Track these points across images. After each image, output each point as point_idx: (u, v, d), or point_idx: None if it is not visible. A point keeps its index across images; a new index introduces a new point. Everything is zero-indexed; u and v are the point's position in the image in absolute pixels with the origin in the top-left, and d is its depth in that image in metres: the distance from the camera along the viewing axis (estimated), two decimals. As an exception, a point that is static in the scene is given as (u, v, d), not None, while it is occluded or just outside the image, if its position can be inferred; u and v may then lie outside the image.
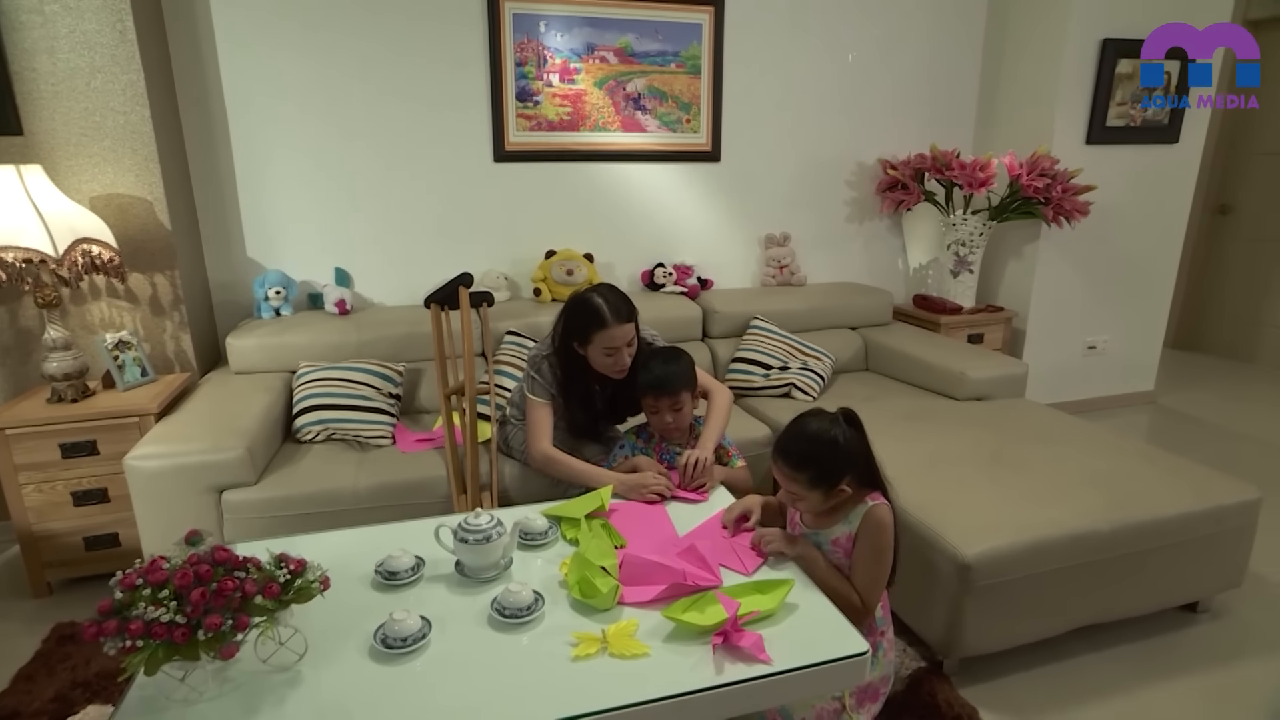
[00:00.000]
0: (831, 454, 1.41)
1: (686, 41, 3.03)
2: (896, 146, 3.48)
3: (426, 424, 2.47)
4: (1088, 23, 3.18)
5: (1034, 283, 3.44)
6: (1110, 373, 3.75)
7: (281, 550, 1.22)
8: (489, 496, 2.08)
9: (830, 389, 2.86)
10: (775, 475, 1.50)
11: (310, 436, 2.25)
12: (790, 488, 1.46)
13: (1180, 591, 2.00)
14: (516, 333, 2.69)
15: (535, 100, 2.88)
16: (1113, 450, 2.18)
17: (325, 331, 2.54)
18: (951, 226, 3.38)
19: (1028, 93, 3.37)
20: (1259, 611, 2.11)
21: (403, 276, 2.91)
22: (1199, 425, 3.59)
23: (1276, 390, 4.14)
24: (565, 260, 2.94)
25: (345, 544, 1.57)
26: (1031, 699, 1.77)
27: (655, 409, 1.89)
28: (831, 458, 1.41)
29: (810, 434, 1.44)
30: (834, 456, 1.41)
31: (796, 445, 1.45)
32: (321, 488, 2.01)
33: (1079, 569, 1.78)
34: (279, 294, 2.64)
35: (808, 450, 1.43)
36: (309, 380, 2.34)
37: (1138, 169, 3.44)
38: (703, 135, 3.18)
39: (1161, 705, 1.77)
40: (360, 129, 2.74)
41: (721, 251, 3.37)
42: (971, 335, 3.35)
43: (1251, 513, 1.96)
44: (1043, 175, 3.04)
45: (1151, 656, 1.93)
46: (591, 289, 1.92)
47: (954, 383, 2.67)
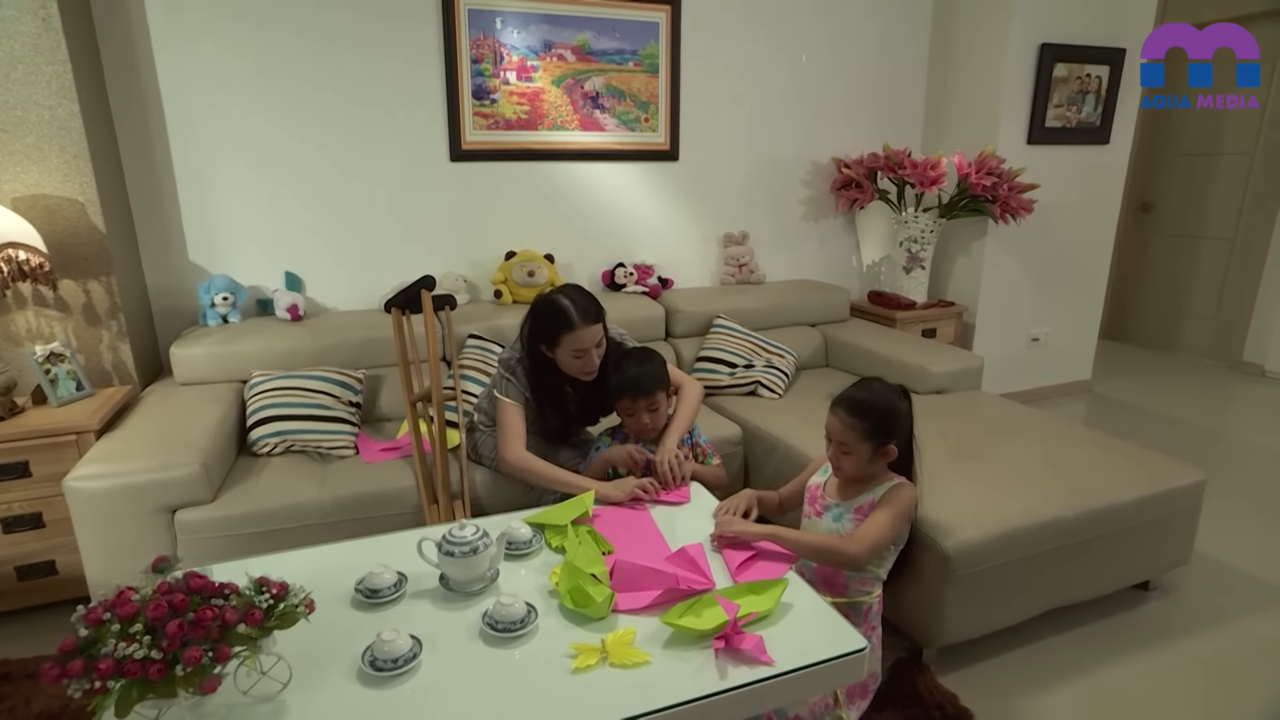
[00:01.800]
0: (890, 413, 1.53)
1: (644, 40, 3.01)
2: (849, 146, 3.55)
3: (390, 432, 2.39)
4: (1026, 28, 3.31)
5: (982, 278, 3.56)
6: (1051, 363, 3.91)
7: (248, 571, 1.15)
8: (461, 506, 2.02)
9: (794, 386, 2.89)
10: (829, 427, 1.58)
11: (267, 449, 2.14)
12: (844, 437, 1.55)
13: (1134, 572, 2.10)
14: (479, 336, 2.63)
15: (492, 98, 2.82)
16: (1068, 439, 2.27)
17: (278, 338, 2.42)
18: (903, 224, 3.47)
19: (972, 94, 3.48)
20: (1205, 587, 2.23)
21: (357, 280, 2.80)
22: (1133, 412, 3.78)
23: (1198, 377, 4.40)
24: (526, 261, 2.89)
25: (318, 562, 1.50)
26: (1005, 683, 1.83)
27: (631, 411, 1.87)
28: (889, 416, 1.53)
29: (875, 391, 1.57)
30: (891, 416, 1.53)
31: (862, 394, 1.56)
32: (283, 503, 1.92)
33: (1046, 555, 1.85)
34: (226, 300, 2.50)
35: (872, 401, 1.54)
36: (263, 390, 2.22)
37: (1074, 168, 3.60)
38: (661, 134, 3.17)
39: (1123, 681, 1.85)
40: (309, 126, 2.63)
41: (681, 250, 3.37)
42: (925, 330, 3.45)
43: (1197, 494, 2.07)
44: (990, 174, 3.15)
45: (1110, 635, 2.02)
46: (557, 290, 1.89)
47: (915, 377, 2.73)
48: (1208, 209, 4.68)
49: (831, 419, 1.58)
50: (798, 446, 2.29)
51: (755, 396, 2.78)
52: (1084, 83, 3.48)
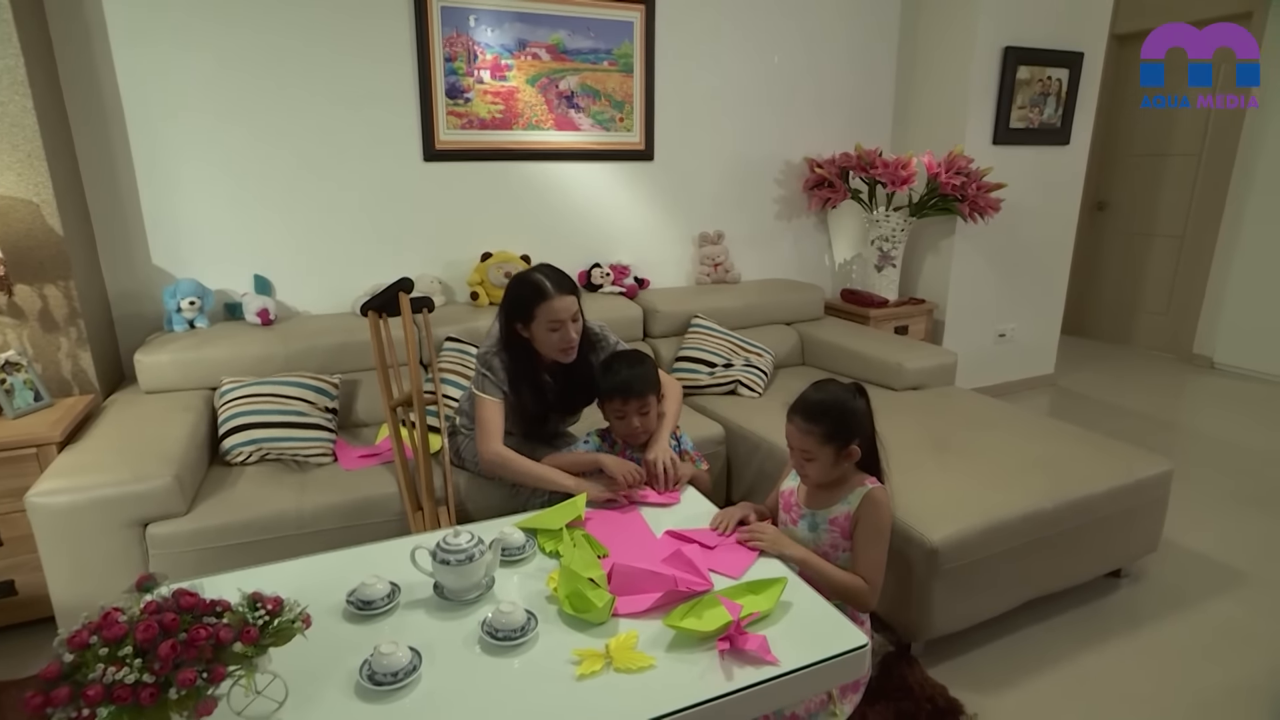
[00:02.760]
0: (846, 413, 1.51)
1: (618, 39, 3.00)
2: (821, 145, 3.59)
3: (368, 438, 2.33)
4: (990, 31, 3.38)
5: (951, 276, 3.64)
6: (1017, 358, 4.02)
7: (239, 587, 1.11)
8: (445, 512, 1.99)
9: (773, 385, 2.91)
10: (789, 436, 1.57)
11: (241, 458, 2.07)
12: (804, 444, 1.53)
13: (1107, 560, 2.16)
14: (456, 339, 2.58)
15: (466, 97, 2.77)
16: (1043, 432, 2.33)
17: (249, 344, 2.35)
18: (875, 223, 3.52)
19: (940, 95, 3.55)
20: (1173, 573, 2.31)
21: (329, 283, 2.73)
22: (1095, 404, 3.90)
23: (1152, 369, 4.57)
24: (503, 262, 2.86)
25: (304, 574, 1.45)
26: (991, 673, 1.86)
27: (622, 414, 1.85)
28: (845, 416, 1.51)
29: (828, 392, 1.55)
30: (848, 416, 1.51)
31: (815, 398, 1.54)
32: (262, 513, 1.86)
33: (1027, 546, 1.89)
34: (193, 305, 2.42)
35: (826, 404, 1.52)
36: (235, 397, 2.15)
37: (1036, 168, 3.69)
38: (636, 134, 3.16)
39: (1101, 667, 1.90)
40: (278, 125, 2.55)
41: (656, 250, 3.37)
42: (898, 327, 3.50)
43: (1165, 483, 2.15)
44: (959, 174, 3.21)
45: (1087, 623, 2.07)
46: (530, 268, 1.89)
47: (892, 374, 2.77)
48: (1158, 208, 4.86)
49: (790, 427, 1.56)
50: (781, 445, 2.28)
51: (735, 396, 2.79)
52: (1045, 85, 3.57)
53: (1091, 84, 3.72)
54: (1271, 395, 4.06)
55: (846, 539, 1.56)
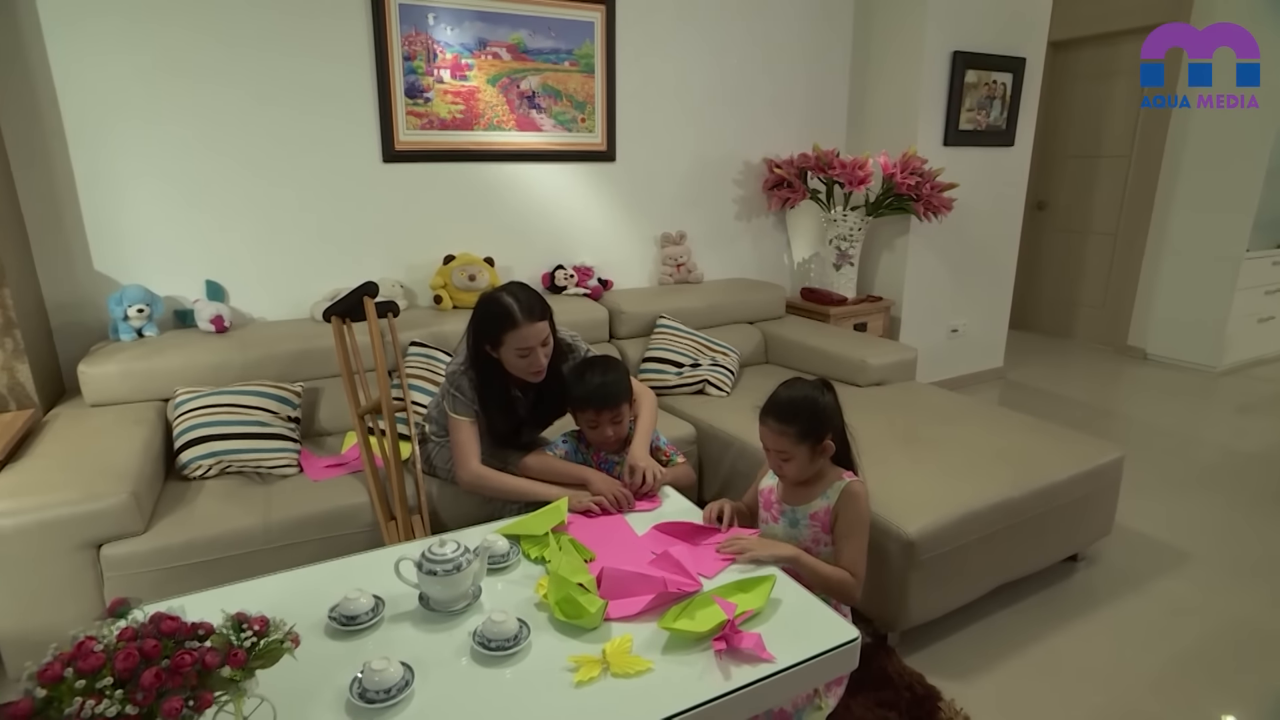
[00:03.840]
0: (818, 410, 1.54)
1: (579, 40, 2.98)
2: (779, 146, 3.64)
3: (333, 447, 2.26)
4: (939, 36, 3.48)
5: (906, 274, 3.73)
6: (969, 352, 4.15)
7: (202, 606, 1.06)
8: (419, 521, 1.94)
9: (740, 383, 2.93)
10: (763, 438, 1.58)
11: (200, 472, 1.98)
12: (779, 444, 1.55)
13: (1067, 545, 2.25)
14: (421, 343, 2.53)
15: (426, 97, 2.72)
16: (1003, 424, 2.41)
17: (203, 352, 2.25)
18: (833, 222, 3.59)
19: (893, 98, 3.64)
20: (1126, 555, 2.42)
21: (285, 288, 2.64)
22: (1042, 395, 4.06)
23: (1091, 361, 4.78)
24: (466, 265, 2.81)
25: (280, 591, 1.40)
26: (965, 659, 1.92)
27: (595, 423, 1.84)
28: (817, 413, 1.54)
29: (797, 390, 1.58)
30: (820, 413, 1.54)
31: (787, 398, 1.56)
32: (227, 528, 1.78)
33: (995, 535, 1.95)
34: (141, 312, 2.30)
35: (798, 403, 1.55)
36: (192, 409, 2.06)
37: (984, 168, 3.82)
38: (598, 135, 3.15)
39: (1068, 647, 1.98)
40: (228, 126, 2.45)
41: (619, 251, 3.36)
42: (857, 324, 3.58)
43: (1118, 469, 2.25)
44: (914, 174, 3.30)
45: (1050, 606, 2.16)
46: (501, 288, 1.83)
47: (856, 370, 2.83)
48: (1093, 206, 5.08)
49: (763, 429, 1.58)
50: (752, 443, 2.30)
51: (704, 395, 2.81)
52: (991, 88, 3.70)
53: (1033, 88, 3.87)
54: (1199, 383, 4.29)
55: (827, 533, 1.59)
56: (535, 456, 1.89)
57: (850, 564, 1.55)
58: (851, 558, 1.55)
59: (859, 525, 1.56)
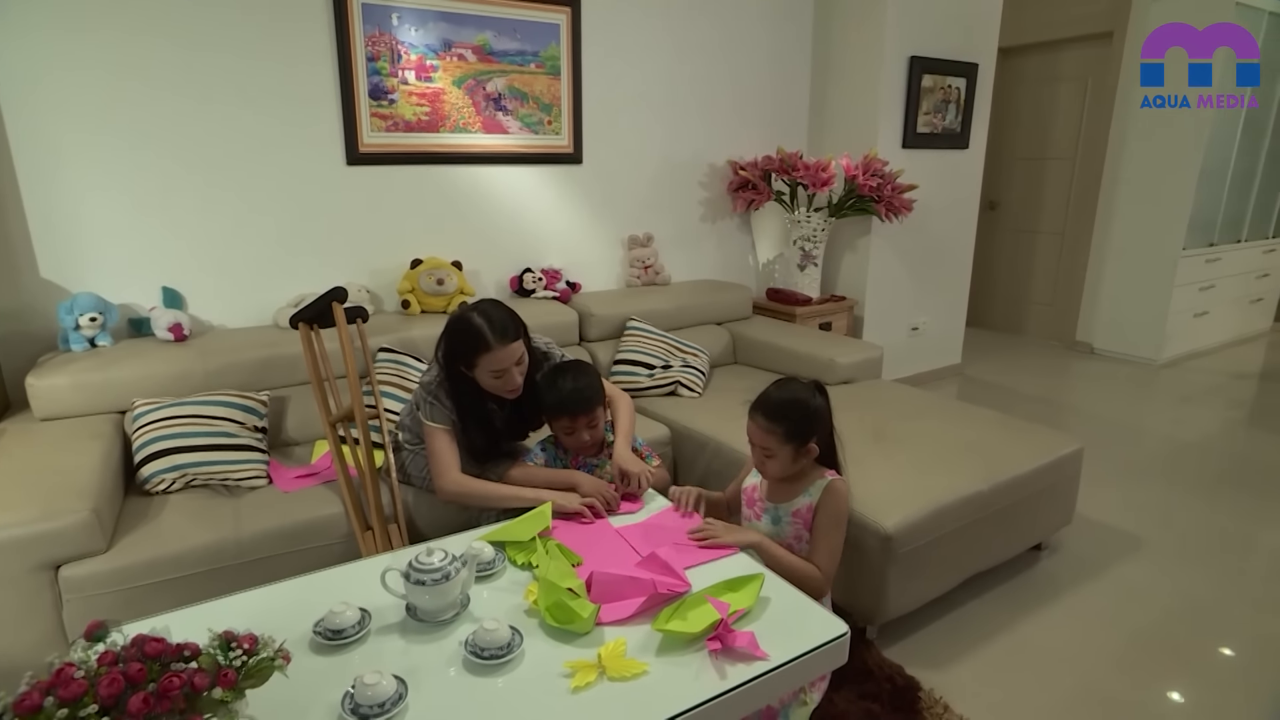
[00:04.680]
0: (808, 412, 1.54)
1: (545, 42, 2.97)
2: (743, 149, 3.68)
3: (302, 457, 2.20)
4: (897, 41, 3.57)
5: (868, 273, 3.81)
6: (929, 350, 4.26)
7: (164, 626, 1.02)
8: (396, 530, 1.90)
9: (711, 384, 2.95)
10: (750, 433, 1.58)
11: (163, 486, 1.91)
12: (765, 442, 1.55)
13: (1032, 535, 2.32)
14: (391, 349, 2.48)
15: (391, 98, 2.67)
16: (968, 419, 2.48)
17: (162, 362, 2.17)
18: (797, 223, 3.64)
19: (852, 101, 3.71)
20: (1086, 543, 2.51)
21: (246, 294, 2.56)
22: (999, 390, 4.19)
23: (1043, 356, 4.96)
24: (434, 269, 2.76)
25: (258, 606, 1.36)
26: (941, 649, 1.97)
27: (571, 430, 1.82)
28: (806, 416, 1.54)
29: (790, 391, 1.57)
30: (808, 415, 1.54)
31: (779, 397, 1.56)
32: (194, 544, 1.72)
33: (967, 527, 2.01)
34: (94, 321, 2.20)
35: (788, 403, 1.54)
36: (152, 421, 1.98)
37: (940, 170, 3.93)
38: (564, 137, 3.13)
39: (1036, 633, 2.05)
40: (185, 127, 2.37)
41: (586, 254, 3.36)
42: (822, 324, 3.64)
43: (1078, 460, 2.33)
44: (875, 175, 3.37)
45: (1016, 594, 2.23)
46: (471, 307, 1.78)
47: (825, 369, 2.88)
48: (1041, 207, 5.27)
49: (751, 425, 1.58)
50: (728, 443, 2.35)
51: (676, 396, 2.82)
52: (946, 93, 3.81)
53: (985, 92, 4.00)
54: (1142, 376, 4.49)
55: (809, 530, 1.61)
56: (518, 470, 1.86)
57: (821, 558, 1.57)
58: (823, 553, 1.57)
59: (835, 523, 1.58)
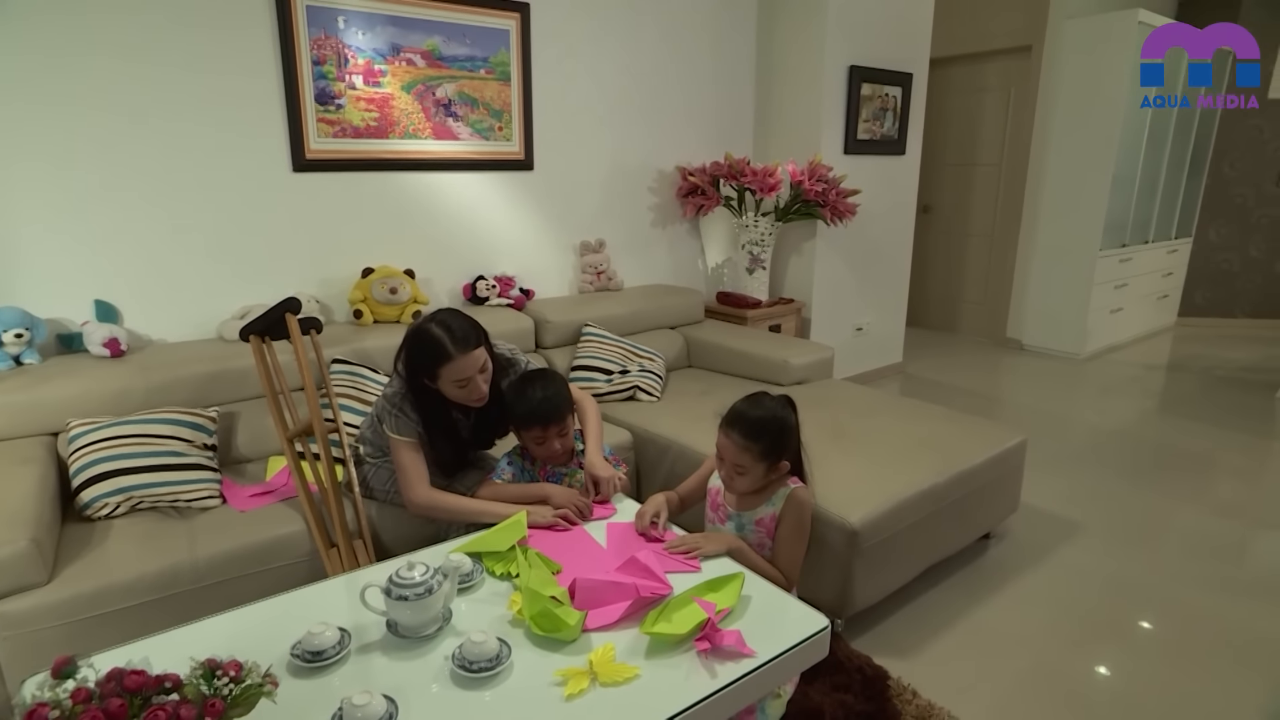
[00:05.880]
0: (783, 430, 1.54)
1: (495, 47, 2.94)
2: (691, 155, 3.73)
3: (256, 475, 2.11)
4: (836, 51, 3.68)
5: (814, 276, 3.91)
6: (872, 349, 4.40)
7: (141, 657, 0.98)
8: (362, 546, 1.85)
9: (668, 387, 2.98)
10: (722, 448, 1.57)
11: (106, 511, 1.80)
12: (740, 459, 1.54)
13: (983, 524, 2.43)
14: (345, 360, 2.41)
15: (338, 103, 2.60)
16: (918, 415, 2.57)
17: (99, 379, 2.05)
18: (745, 228, 3.71)
19: (796, 109, 3.81)
20: (1031, 530, 2.64)
21: (188, 306, 2.44)
22: (939, 386, 4.36)
23: (976, 353, 5.19)
24: (386, 278, 2.70)
25: (226, 632, 1.30)
26: (904, 638, 2.04)
27: (542, 439, 1.81)
28: (783, 434, 1.54)
29: (766, 408, 1.56)
30: (784, 433, 1.55)
31: (755, 416, 1.54)
32: (147, 570, 1.63)
33: (925, 519, 2.08)
34: (20, 337, 2.06)
35: (765, 421, 1.53)
36: (91, 442, 1.87)
37: (880, 175, 4.07)
38: (516, 144, 3.11)
39: (992, 619, 2.14)
40: (119, 131, 2.24)
41: (539, 260, 3.34)
42: (771, 326, 3.72)
43: (1022, 451, 2.45)
44: (821, 180, 3.47)
45: (970, 582, 2.32)
46: (428, 318, 1.75)
47: (778, 370, 2.94)
48: (971, 211, 5.52)
49: (724, 441, 1.55)
50: (691, 446, 2.37)
51: (635, 401, 2.83)
52: (884, 101, 3.95)
53: (920, 101, 4.17)
54: (1067, 370, 4.75)
55: (771, 538, 1.63)
56: (486, 489, 1.83)
57: (784, 565, 1.60)
58: (786, 560, 1.60)
59: (798, 531, 1.60)
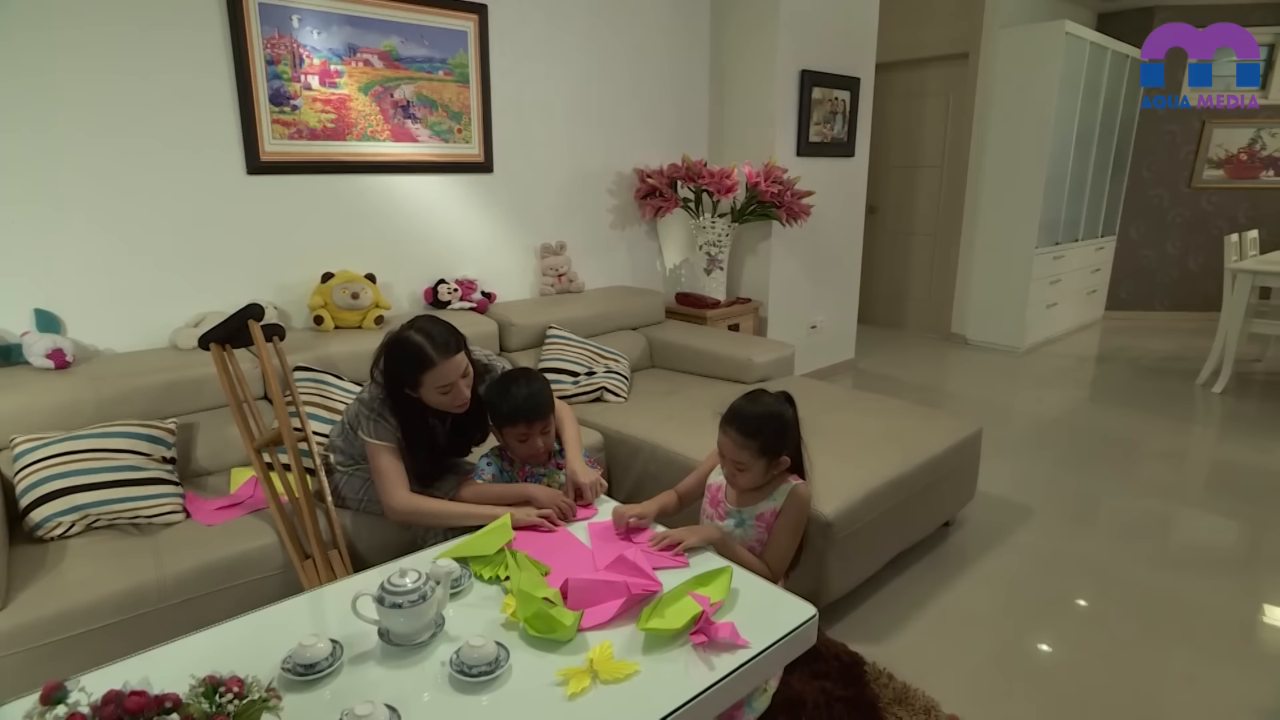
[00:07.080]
0: (781, 427, 1.56)
1: (453, 49, 2.91)
2: (649, 157, 3.76)
3: (218, 487, 2.04)
4: (788, 56, 3.77)
5: (770, 276, 3.99)
6: (826, 346, 4.51)
7: (124, 680, 0.95)
8: (338, 556, 1.81)
9: (634, 388, 2.99)
10: (722, 446, 1.58)
11: (60, 531, 1.71)
12: (739, 456, 1.55)
13: (944, 512, 2.53)
14: (307, 367, 2.35)
15: (293, 104, 2.53)
16: (880, 409, 2.66)
17: (44, 392, 1.95)
18: (702, 229, 3.76)
19: (749, 111, 3.88)
20: (987, 516, 2.76)
21: (138, 315, 2.34)
22: (890, 381, 4.50)
23: (923, 348, 5.38)
24: (347, 283, 2.64)
25: (208, 649, 1.26)
26: (876, 625, 2.10)
27: (526, 436, 1.80)
28: (781, 430, 1.56)
29: (764, 405, 1.57)
30: (783, 430, 1.56)
31: (753, 412, 1.56)
32: (111, 590, 1.55)
33: (893, 509, 2.16)
34: (-45, 351, 1.95)
35: (764, 418, 1.55)
36: (41, 459, 1.77)
37: (831, 177, 4.17)
38: (475, 146, 3.09)
39: (957, 602, 2.23)
40: (55, 128, 2.13)
41: (500, 263, 3.31)
42: (730, 325, 3.77)
43: (978, 441, 2.56)
44: (776, 182, 3.54)
45: (934, 568, 2.41)
46: (408, 326, 1.74)
47: (742, 369, 2.99)
48: (915, 211, 5.72)
49: (724, 439, 1.57)
50: (662, 445, 2.40)
51: (602, 402, 2.84)
52: (834, 104, 4.06)
53: (867, 104, 4.30)
54: (1008, 363, 4.97)
55: (770, 532, 1.67)
56: (469, 489, 1.82)
57: (772, 558, 1.63)
58: (775, 553, 1.63)
59: (793, 527, 1.63)
